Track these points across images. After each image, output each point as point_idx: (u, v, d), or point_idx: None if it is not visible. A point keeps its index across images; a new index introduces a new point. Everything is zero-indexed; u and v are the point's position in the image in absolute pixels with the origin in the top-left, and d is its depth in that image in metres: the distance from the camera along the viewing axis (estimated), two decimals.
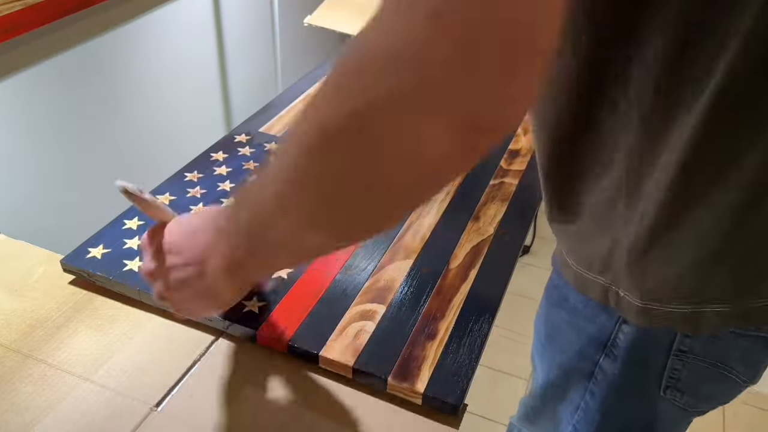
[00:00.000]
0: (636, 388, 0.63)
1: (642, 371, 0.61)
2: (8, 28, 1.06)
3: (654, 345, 0.58)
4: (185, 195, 0.83)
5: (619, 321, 0.58)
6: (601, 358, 0.61)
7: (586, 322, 0.61)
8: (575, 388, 0.66)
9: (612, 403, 0.64)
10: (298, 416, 0.59)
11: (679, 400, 0.62)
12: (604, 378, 0.62)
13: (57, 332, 0.66)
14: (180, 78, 1.59)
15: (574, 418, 0.68)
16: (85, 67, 1.29)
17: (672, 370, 0.59)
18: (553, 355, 0.68)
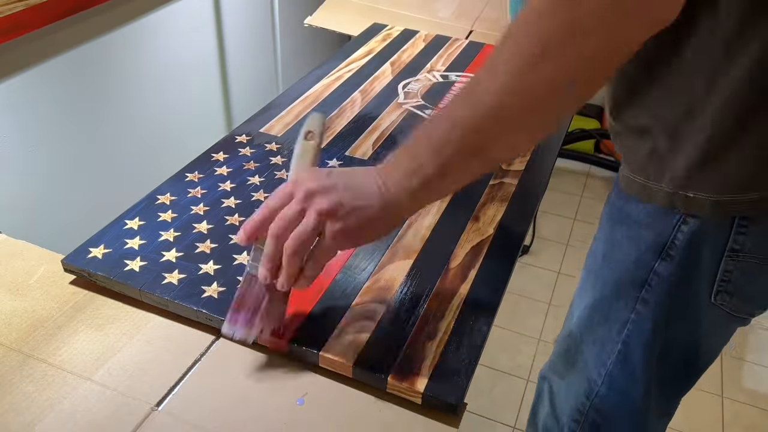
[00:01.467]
0: (689, 291, 0.68)
1: (696, 273, 0.67)
2: (10, 28, 1.06)
3: (709, 244, 0.64)
4: (186, 195, 0.83)
5: (679, 222, 0.64)
6: (656, 263, 0.67)
7: (646, 231, 0.67)
8: (625, 301, 0.72)
9: (664, 309, 0.70)
10: (298, 416, 0.59)
11: (727, 304, 0.68)
12: (659, 282, 0.68)
13: (58, 332, 0.66)
14: (181, 78, 1.59)
15: (623, 335, 0.73)
16: (86, 68, 1.29)
17: (724, 273, 0.65)
18: (608, 273, 0.73)
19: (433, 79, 1.19)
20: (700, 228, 0.64)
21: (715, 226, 0.63)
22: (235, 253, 0.74)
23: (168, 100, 1.57)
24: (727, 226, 0.63)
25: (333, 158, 0.93)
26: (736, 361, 1.69)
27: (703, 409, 1.55)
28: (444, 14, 1.59)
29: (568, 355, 0.83)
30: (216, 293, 0.68)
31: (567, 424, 0.84)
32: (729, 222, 0.63)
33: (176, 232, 0.77)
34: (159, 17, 1.46)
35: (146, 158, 1.54)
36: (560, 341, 0.86)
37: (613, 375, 0.76)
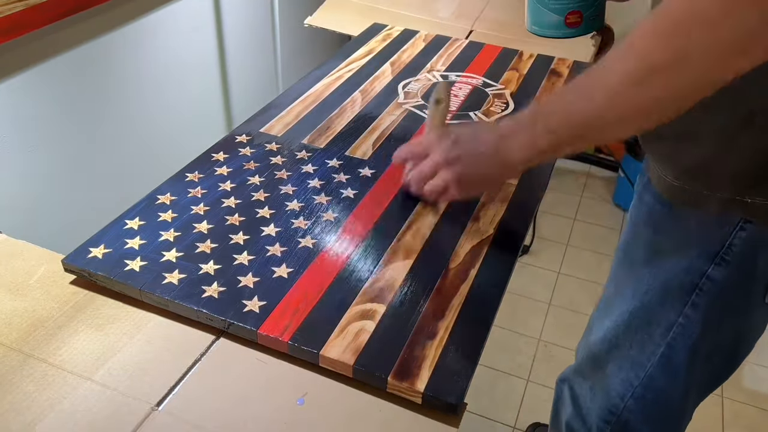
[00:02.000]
0: (741, 294, 0.70)
1: (750, 276, 0.68)
2: (10, 28, 1.06)
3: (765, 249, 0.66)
4: (186, 195, 0.83)
5: (736, 228, 0.66)
6: (710, 268, 0.69)
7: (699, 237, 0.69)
8: (672, 305, 0.73)
9: (715, 312, 0.71)
10: (298, 416, 0.59)
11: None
12: (712, 287, 0.69)
13: (58, 332, 0.66)
14: (181, 78, 1.59)
15: (669, 337, 0.74)
16: (86, 68, 1.29)
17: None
18: (652, 278, 0.74)
19: (433, 79, 1.19)
20: (758, 234, 0.65)
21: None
22: (235, 253, 0.74)
23: (168, 100, 1.57)
24: None
25: (333, 158, 0.93)
26: None
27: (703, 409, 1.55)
28: (444, 14, 1.59)
29: (595, 361, 0.84)
30: (216, 293, 0.68)
31: (596, 425, 0.85)
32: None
33: (176, 232, 0.77)
34: (159, 17, 1.46)
35: (146, 158, 1.54)
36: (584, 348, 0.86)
37: (654, 376, 0.77)
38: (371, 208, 0.83)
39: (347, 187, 0.87)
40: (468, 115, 1.08)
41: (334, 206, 0.83)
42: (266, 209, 0.82)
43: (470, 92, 1.15)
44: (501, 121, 0.70)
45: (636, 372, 0.79)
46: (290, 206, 0.83)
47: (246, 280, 0.70)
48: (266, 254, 0.74)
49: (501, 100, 1.13)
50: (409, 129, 1.02)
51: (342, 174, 0.90)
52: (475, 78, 1.21)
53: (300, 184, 0.87)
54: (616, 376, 0.81)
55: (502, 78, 1.22)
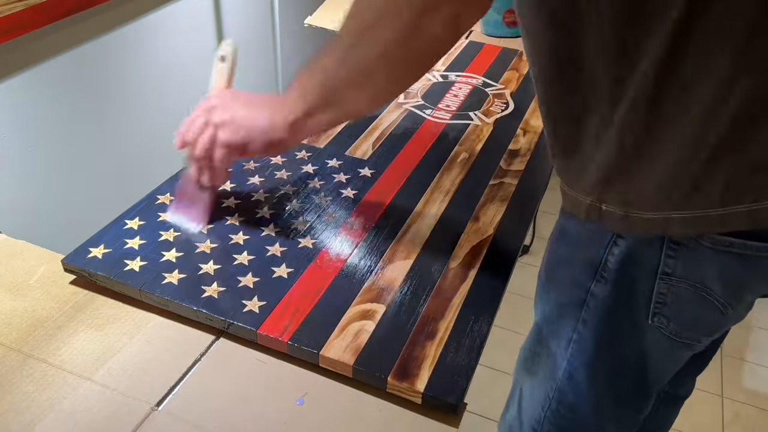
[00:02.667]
0: (625, 313, 0.66)
1: (630, 295, 0.64)
2: (10, 28, 1.06)
3: (641, 267, 0.62)
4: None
5: (610, 244, 0.62)
6: (592, 284, 0.65)
7: (581, 251, 0.66)
8: (568, 320, 0.70)
9: (603, 330, 0.68)
10: (298, 416, 0.59)
11: (666, 327, 0.65)
12: (596, 304, 0.66)
13: (58, 332, 0.66)
14: (181, 78, 1.59)
15: (568, 352, 0.71)
16: (86, 68, 1.29)
17: (658, 295, 0.62)
18: (550, 292, 0.73)
19: (433, 79, 1.19)
20: (631, 250, 0.62)
21: (645, 249, 0.61)
22: (235, 253, 0.74)
23: (168, 100, 1.57)
24: (657, 249, 0.60)
25: (333, 158, 0.93)
26: (736, 361, 1.69)
27: (703, 409, 1.55)
28: None
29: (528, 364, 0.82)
30: (216, 293, 0.68)
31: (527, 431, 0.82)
32: (659, 244, 0.60)
33: (176, 232, 0.77)
34: (159, 17, 1.46)
35: (146, 158, 1.54)
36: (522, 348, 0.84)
37: (562, 391, 0.74)
38: (371, 208, 0.83)
39: (347, 187, 0.87)
40: (468, 115, 1.08)
41: (334, 206, 0.83)
42: (266, 209, 0.82)
43: (470, 92, 1.15)
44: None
45: (550, 384, 0.76)
46: (290, 206, 0.83)
47: (246, 280, 0.70)
48: (266, 254, 0.74)
49: (501, 100, 1.13)
50: (409, 129, 1.03)
51: (342, 174, 0.90)
52: (475, 78, 1.21)
53: (300, 184, 0.87)
54: (540, 385, 0.79)
55: (502, 78, 1.22)
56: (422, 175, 0.91)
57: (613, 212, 0.60)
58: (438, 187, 0.88)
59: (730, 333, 1.37)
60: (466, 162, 0.95)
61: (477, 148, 0.98)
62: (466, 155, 0.96)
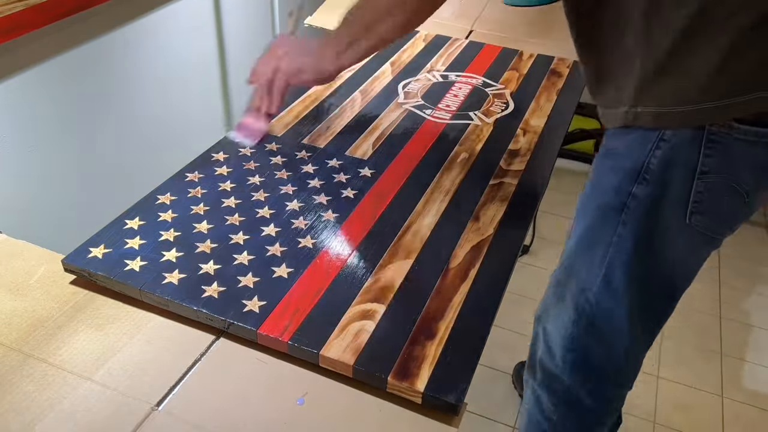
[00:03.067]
0: (664, 213, 0.75)
1: (670, 195, 0.74)
2: (10, 28, 1.06)
3: (681, 168, 0.72)
4: (186, 195, 0.83)
5: (652, 148, 0.72)
6: (634, 187, 0.75)
7: (625, 159, 0.75)
8: (609, 225, 0.79)
9: (642, 229, 0.77)
10: (298, 416, 0.59)
11: (701, 224, 0.75)
12: (637, 205, 0.76)
13: (58, 332, 0.66)
14: (181, 78, 1.59)
15: (607, 257, 0.80)
16: (86, 68, 1.29)
17: (696, 194, 0.73)
18: (593, 202, 0.82)
19: (433, 79, 1.19)
20: (672, 151, 0.71)
21: (684, 150, 0.71)
22: (235, 253, 0.74)
23: (168, 100, 1.57)
24: (696, 149, 0.70)
25: (333, 158, 0.93)
26: (736, 361, 1.69)
27: (703, 409, 1.55)
28: (444, 14, 1.59)
29: (556, 291, 0.90)
30: (216, 293, 0.68)
31: (561, 355, 0.91)
32: (697, 145, 0.70)
33: (176, 232, 0.77)
34: (159, 17, 1.46)
35: (146, 158, 1.54)
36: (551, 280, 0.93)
37: (599, 298, 0.83)
38: (371, 208, 0.83)
39: (347, 187, 0.87)
40: (468, 115, 1.08)
41: (334, 206, 0.83)
42: (266, 209, 0.82)
43: (470, 92, 1.15)
44: None
45: (585, 296, 0.84)
46: (290, 206, 0.83)
47: (246, 280, 0.70)
48: (266, 254, 0.74)
49: (501, 100, 1.13)
50: (409, 129, 1.03)
51: (342, 174, 0.90)
52: (475, 78, 1.21)
53: (300, 184, 0.87)
54: (570, 304, 0.87)
55: (502, 78, 1.22)
56: (422, 175, 0.91)
57: (649, 112, 0.71)
58: (438, 187, 0.88)
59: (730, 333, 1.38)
60: (466, 162, 0.95)
61: (477, 148, 0.98)
62: (466, 155, 0.96)
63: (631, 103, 0.72)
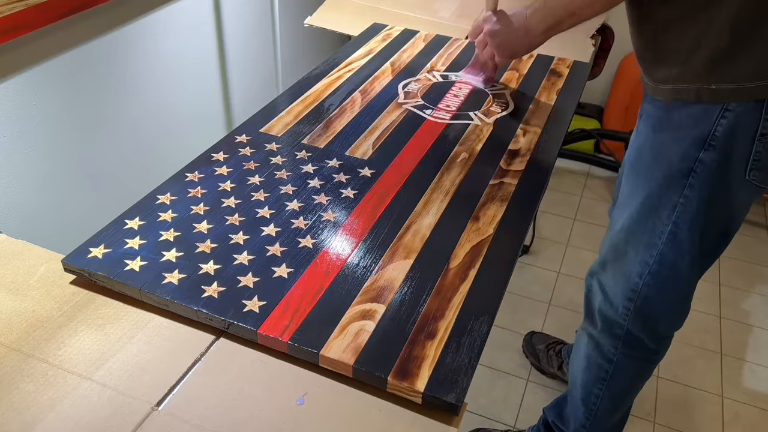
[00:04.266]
0: (728, 173, 0.88)
1: (733, 155, 0.86)
2: (10, 28, 1.06)
3: (743, 133, 0.84)
4: (186, 195, 0.83)
5: (718, 117, 0.84)
6: (701, 153, 0.87)
7: (690, 129, 0.87)
8: (675, 189, 0.91)
9: (709, 189, 0.89)
10: (298, 416, 0.59)
11: (758, 178, 0.88)
12: (703, 169, 0.88)
13: (58, 332, 0.66)
14: (181, 78, 1.59)
15: (673, 217, 0.93)
16: (87, 68, 1.29)
17: (756, 153, 0.86)
18: (657, 171, 0.93)
19: (433, 79, 1.19)
20: (737, 120, 0.83)
21: (747, 117, 0.83)
22: (235, 253, 0.74)
23: (168, 100, 1.57)
24: (758, 116, 0.83)
25: (333, 158, 0.93)
26: (736, 361, 1.69)
27: (703, 409, 1.55)
28: (444, 14, 1.59)
29: (617, 250, 1.04)
30: (216, 293, 0.68)
31: (621, 304, 1.05)
32: (758, 113, 0.82)
33: (176, 232, 0.77)
34: (159, 17, 1.46)
35: (146, 158, 1.54)
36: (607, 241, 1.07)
37: (664, 253, 0.96)
38: (371, 208, 0.83)
39: (347, 187, 0.87)
40: (468, 115, 1.08)
41: (334, 206, 0.83)
42: (266, 209, 0.82)
43: (470, 92, 1.15)
44: (523, 11, 1.00)
45: (650, 252, 0.97)
46: (290, 206, 0.83)
47: (246, 280, 0.70)
48: (266, 254, 0.74)
49: (501, 100, 1.13)
50: (409, 129, 1.03)
51: (342, 174, 0.90)
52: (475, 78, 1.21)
53: (300, 184, 0.87)
54: (634, 260, 1.00)
55: (502, 78, 1.22)
56: (422, 175, 0.91)
57: (725, 88, 0.83)
58: (438, 187, 0.88)
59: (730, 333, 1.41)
60: (466, 162, 0.95)
61: (477, 148, 0.98)
62: (466, 155, 0.96)
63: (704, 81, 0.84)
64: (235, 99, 1.86)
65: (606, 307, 1.09)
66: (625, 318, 1.06)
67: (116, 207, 0.81)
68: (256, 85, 1.97)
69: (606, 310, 1.09)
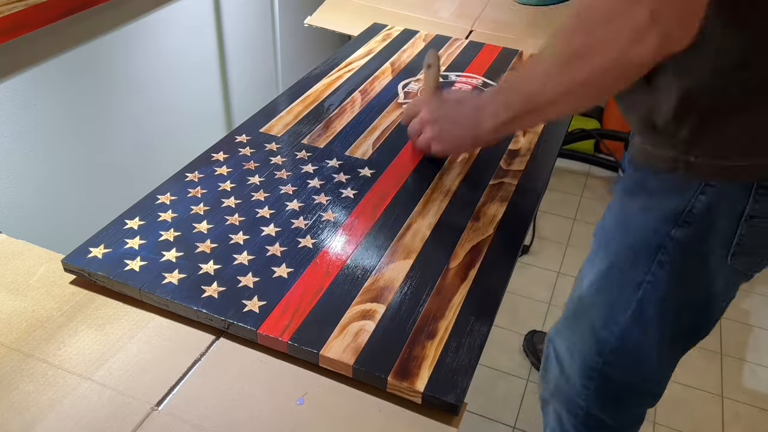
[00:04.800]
0: (704, 253, 0.74)
1: (712, 237, 0.72)
2: (10, 28, 1.06)
3: (726, 212, 0.70)
4: (186, 195, 0.83)
5: (696, 193, 0.70)
6: (673, 229, 0.73)
7: (664, 200, 0.74)
8: (642, 264, 0.78)
9: (681, 269, 0.76)
10: (298, 416, 0.59)
11: (741, 264, 0.74)
12: (676, 247, 0.74)
13: (58, 332, 0.66)
14: (181, 78, 1.59)
15: (638, 294, 0.79)
16: (87, 68, 1.29)
17: (740, 237, 0.71)
18: (622, 240, 0.80)
19: None
20: (719, 197, 0.70)
21: (732, 196, 0.69)
22: (235, 253, 0.74)
23: (168, 100, 1.57)
24: (746, 195, 0.69)
25: (333, 158, 0.93)
26: (736, 361, 1.69)
27: (703, 409, 1.55)
28: (444, 14, 1.59)
29: (575, 318, 0.89)
30: (216, 293, 0.68)
31: (580, 382, 0.91)
32: (747, 191, 0.68)
33: (176, 232, 0.77)
34: (159, 17, 1.46)
35: (146, 158, 1.54)
36: (568, 305, 0.92)
37: (627, 331, 0.82)
38: (371, 208, 0.83)
39: (347, 187, 0.87)
40: None
41: (334, 206, 0.83)
42: (266, 209, 0.82)
43: (470, 92, 1.15)
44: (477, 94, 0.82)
45: (610, 329, 0.83)
46: (290, 206, 0.83)
47: (246, 280, 0.70)
48: (266, 254, 0.74)
49: None
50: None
51: (342, 174, 0.90)
52: (475, 78, 1.21)
53: (300, 184, 0.87)
54: (591, 334, 0.87)
55: (502, 78, 1.22)
56: (422, 175, 0.91)
57: (704, 163, 0.68)
58: (438, 187, 0.88)
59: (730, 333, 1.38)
60: (466, 162, 0.95)
61: (477, 148, 0.98)
62: (466, 155, 0.96)
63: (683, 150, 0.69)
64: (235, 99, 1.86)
65: (563, 382, 0.96)
66: (584, 397, 0.92)
67: (116, 207, 0.81)
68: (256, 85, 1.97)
69: (562, 385, 0.96)
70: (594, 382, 0.89)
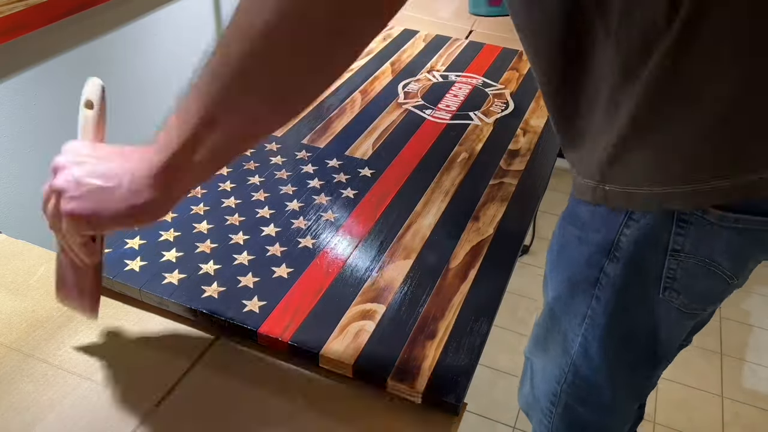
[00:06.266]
0: (637, 289, 0.69)
1: (642, 272, 0.68)
2: (10, 28, 1.06)
3: (652, 246, 0.65)
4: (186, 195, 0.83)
5: (622, 225, 0.65)
6: (605, 263, 0.68)
7: (593, 233, 0.69)
8: (582, 298, 0.73)
9: (616, 305, 0.71)
10: (298, 416, 0.59)
11: (675, 300, 0.68)
12: (608, 282, 0.69)
13: (58, 332, 0.66)
14: (181, 78, 1.59)
15: (582, 328, 0.74)
16: (86, 68, 1.29)
17: (669, 270, 0.66)
18: (562, 270, 0.75)
19: (433, 79, 1.19)
20: (643, 230, 0.64)
21: (655, 228, 0.64)
22: (235, 253, 0.74)
23: (168, 100, 1.57)
24: (667, 228, 0.63)
25: (333, 158, 0.93)
26: (736, 361, 1.69)
27: (703, 409, 1.56)
28: (444, 14, 1.59)
29: (540, 340, 0.85)
30: (216, 293, 0.68)
31: (545, 405, 0.87)
32: (669, 224, 0.63)
33: (176, 232, 0.77)
34: (159, 17, 1.46)
35: None
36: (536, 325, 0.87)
37: (577, 365, 0.78)
38: (371, 208, 0.83)
39: (347, 187, 0.87)
40: (468, 115, 1.08)
41: (334, 206, 0.83)
42: (266, 209, 0.82)
43: (470, 92, 1.15)
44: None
45: (565, 359, 0.79)
46: (290, 206, 0.83)
47: (246, 280, 0.70)
48: (266, 254, 0.74)
49: (501, 100, 1.13)
50: (409, 129, 1.02)
51: (342, 174, 0.90)
52: (474, 78, 1.21)
53: (300, 184, 0.87)
54: (553, 360, 0.83)
55: (502, 78, 1.22)
56: (422, 175, 0.91)
57: (616, 191, 0.63)
58: (438, 187, 0.88)
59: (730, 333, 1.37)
60: (466, 162, 0.95)
61: (477, 148, 0.98)
62: (466, 155, 0.96)
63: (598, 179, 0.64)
64: None
65: (531, 400, 0.92)
66: (549, 418, 0.88)
67: None
68: None
69: (531, 402, 0.92)
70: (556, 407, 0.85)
